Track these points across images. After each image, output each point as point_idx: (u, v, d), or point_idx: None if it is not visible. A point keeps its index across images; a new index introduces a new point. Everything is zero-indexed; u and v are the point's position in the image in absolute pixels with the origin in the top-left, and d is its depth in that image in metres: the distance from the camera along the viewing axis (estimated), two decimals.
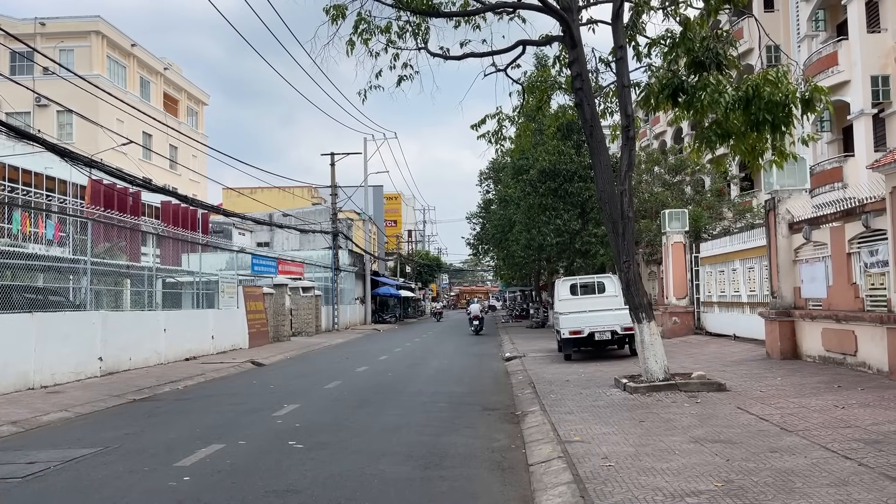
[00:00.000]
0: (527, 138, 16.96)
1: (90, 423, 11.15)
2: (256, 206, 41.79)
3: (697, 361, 15.74)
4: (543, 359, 18.94)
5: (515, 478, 7.11)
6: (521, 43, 13.33)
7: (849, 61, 28.35)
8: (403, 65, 13.29)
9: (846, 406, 9.43)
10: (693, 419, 9.05)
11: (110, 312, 18.25)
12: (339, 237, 42.26)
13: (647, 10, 13.01)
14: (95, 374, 16.18)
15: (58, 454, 8.56)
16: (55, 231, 20.62)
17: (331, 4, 11.78)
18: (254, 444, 8.95)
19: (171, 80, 49.31)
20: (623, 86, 12.23)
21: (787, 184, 15.74)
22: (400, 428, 9.88)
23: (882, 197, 11.85)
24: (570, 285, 20.76)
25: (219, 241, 33.87)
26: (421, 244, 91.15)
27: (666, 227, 24.22)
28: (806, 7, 31.78)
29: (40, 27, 39.98)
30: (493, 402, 12.30)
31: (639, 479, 6.32)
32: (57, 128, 38.89)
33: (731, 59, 11.35)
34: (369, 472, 7.37)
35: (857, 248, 13.26)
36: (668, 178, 31.38)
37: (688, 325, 24.07)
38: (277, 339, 29.18)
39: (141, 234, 23.07)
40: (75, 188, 29.37)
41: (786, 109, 10.20)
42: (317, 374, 17.58)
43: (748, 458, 6.92)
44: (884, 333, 11.85)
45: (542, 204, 30.90)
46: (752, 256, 19.66)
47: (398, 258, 72.57)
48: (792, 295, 15.64)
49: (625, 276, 12.24)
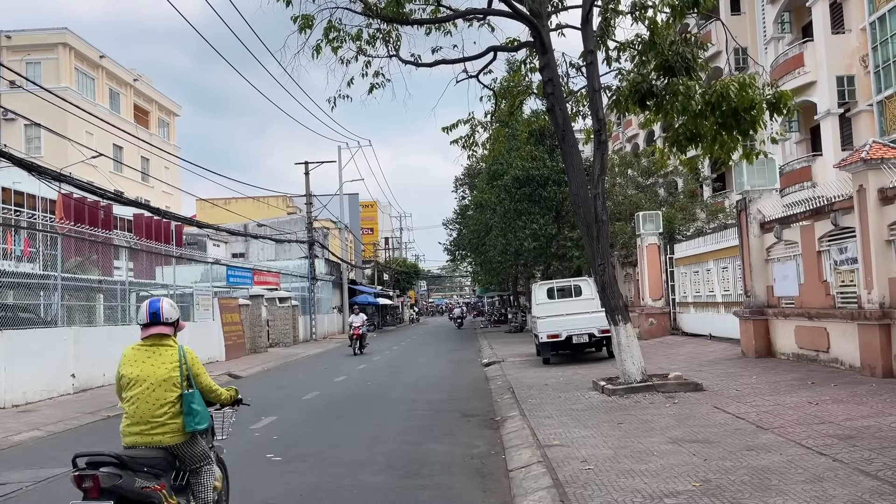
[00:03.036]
0: (500, 144, 17.01)
1: (63, 441, 10.94)
2: (231, 216, 41.43)
3: (674, 362, 15.86)
4: (522, 363, 18.97)
5: (495, 484, 7.10)
6: (492, 49, 13.39)
7: (814, 62, 28.83)
8: (375, 73, 13.28)
9: (820, 402, 9.55)
10: (671, 420, 9.11)
11: (82, 328, 17.95)
12: (314, 246, 42.04)
13: (615, 15, 13.13)
14: (68, 391, 15.91)
15: (30, 474, 8.40)
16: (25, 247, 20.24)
17: (299, 14, 11.72)
18: (231, 458, 8.78)
19: (142, 91, 48.79)
20: (594, 90, 12.31)
21: (757, 184, 15.95)
22: (379, 437, 9.84)
23: (850, 195, 12.06)
24: (547, 289, 20.84)
25: (193, 253, 33.50)
26: (398, 251, 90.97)
27: (640, 229, 24.42)
28: (772, 9, 32.30)
29: (6, 40, 39.37)
30: (473, 408, 12.29)
31: (618, 482, 6.34)
32: (25, 142, 38.28)
33: (699, 62, 11.50)
34: (349, 483, 7.32)
35: (826, 246, 13.47)
36: (642, 180, 31.66)
37: (664, 326, 24.26)
38: (254, 350, 28.92)
39: (113, 248, 22.74)
40: (45, 202, 28.88)
41: (752, 113, 10.36)
42: (295, 385, 17.43)
43: (725, 457, 6.97)
44: (855, 330, 12.03)
45: (518, 209, 31.04)
46: (725, 256, 19.88)
47: (375, 266, 72.32)
48: (765, 294, 15.84)
49: (600, 279, 12.31)
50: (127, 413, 4.74)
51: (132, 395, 4.72)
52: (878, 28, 26.25)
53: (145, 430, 4.67)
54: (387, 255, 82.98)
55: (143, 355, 4.84)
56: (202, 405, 4.88)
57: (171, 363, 4.81)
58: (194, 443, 4.86)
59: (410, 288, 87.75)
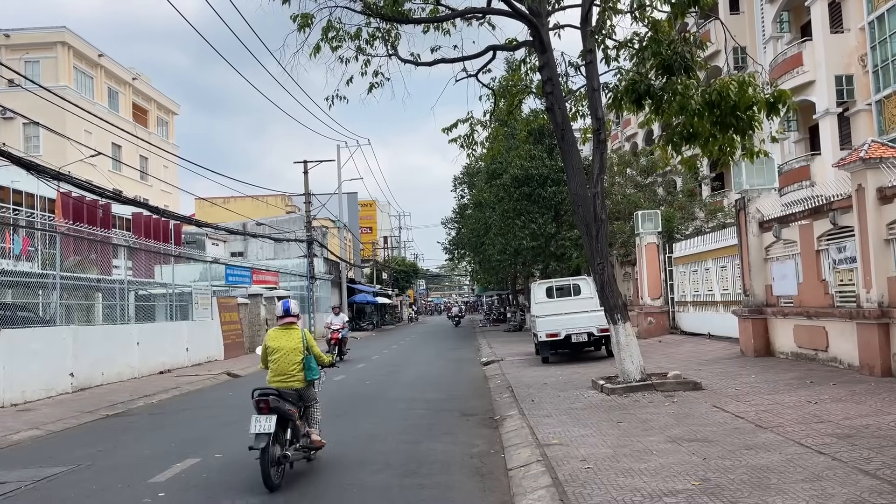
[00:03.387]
0: (499, 143, 17.00)
1: (62, 440, 10.94)
2: (229, 215, 41.37)
3: (673, 361, 15.87)
4: (521, 362, 18.97)
5: (495, 483, 7.10)
6: (491, 48, 13.38)
7: (813, 62, 28.83)
8: (374, 73, 13.25)
9: (819, 401, 9.56)
10: (670, 419, 9.11)
11: (81, 327, 17.94)
12: (313, 245, 41.98)
13: (614, 14, 13.12)
14: (67, 390, 15.90)
15: (29, 473, 8.39)
16: (24, 246, 20.19)
17: (298, 13, 11.71)
18: (230, 457, 8.83)
19: (140, 90, 48.70)
20: (593, 89, 12.31)
21: (756, 183, 15.95)
22: (378, 436, 9.84)
23: (848, 194, 12.06)
24: (546, 288, 20.84)
25: (192, 252, 33.45)
26: (397, 250, 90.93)
27: (639, 228, 24.42)
28: (770, 9, 32.30)
29: (4, 39, 39.29)
30: (472, 407, 12.29)
31: (617, 481, 6.34)
32: (23, 140, 38.20)
33: (698, 61, 11.50)
34: (347, 482, 7.31)
35: (825, 245, 13.47)
36: (640, 179, 31.65)
37: (663, 325, 24.27)
38: (253, 349, 28.81)
39: (112, 247, 22.72)
40: (43, 201, 28.84)
41: (750, 112, 10.36)
42: None
43: (724, 455, 6.98)
44: (853, 329, 12.04)
45: (517, 208, 31.04)
46: (724, 255, 19.89)
47: (374, 265, 72.27)
48: (764, 293, 15.84)
49: (599, 278, 12.31)
50: (272, 369, 7.85)
51: (275, 357, 7.84)
52: (877, 27, 26.26)
53: (283, 379, 7.77)
54: (386, 255, 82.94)
55: (281, 334, 7.98)
56: (315, 365, 7.99)
57: (297, 339, 7.91)
58: (310, 388, 8.06)
59: (409, 287, 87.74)
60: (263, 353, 7.98)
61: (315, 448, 8.06)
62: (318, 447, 8.10)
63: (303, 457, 7.90)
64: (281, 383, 7.69)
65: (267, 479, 6.97)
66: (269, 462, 6.98)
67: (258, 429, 7.08)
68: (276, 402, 7.29)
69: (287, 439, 7.49)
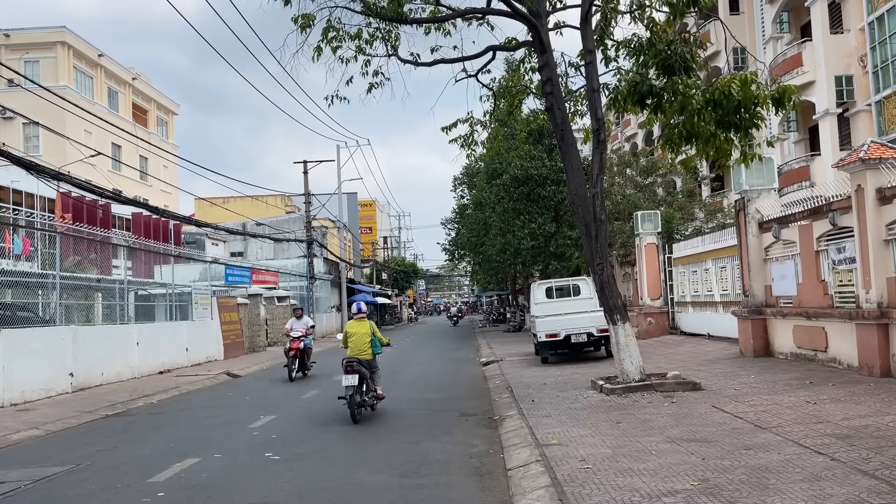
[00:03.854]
0: (499, 143, 17.01)
1: (61, 440, 10.94)
2: (229, 215, 41.38)
3: (672, 361, 15.88)
4: (521, 362, 18.98)
5: (494, 483, 7.11)
6: (491, 48, 13.38)
7: (813, 62, 28.85)
8: (374, 73, 13.27)
9: (818, 402, 9.56)
10: (669, 419, 9.12)
11: (81, 327, 17.93)
12: (313, 245, 41.98)
13: (614, 14, 13.12)
14: (66, 390, 15.90)
15: (28, 473, 8.39)
16: (25, 246, 20.19)
17: (298, 13, 11.72)
18: (230, 457, 8.84)
19: (140, 90, 48.71)
20: (593, 90, 12.30)
21: (755, 184, 15.96)
22: (377, 436, 9.84)
23: (848, 195, 12.07)
24: (546, 288, 20.84)
25: (191, 252, 33.47)
26: (397, 250, 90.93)
27: (639, 228, 24.43)
28: (770, 9, 32.32)
29: (4, 38, 39.30)
30: (471, 407, 12.30)
31: (616, 481, 6.35)
32: (23, 140, 38.21)
33: (698, 61, 11.50)
34: (347, 482, 7.32)
35: (825, 245, 13.48)
36: (640, 180, 31.66)
37: (662, 325, 24.28)
38: (253, 349, 28.89)
39: (112, 247, 22.72)
40: (43, 201, 28.85)
41: (753, 109, 10.35)
42: (293, 385, 17.43)
43: (723, 456, 6.98)
44: (853, 329, 12.05)
45: (516, 208, 31.03)
46: (723, 256, 19.89)
47: (374, 265, 72.26)
48: (763, 293, 15.85)
49: (599, 279, 12.31)
50: (350, 347, 11.36)
51: (353, 339, 11.41)
52: (877, 28, 26.27)
53: (358, 353, 11.27)
54: (385, 255, 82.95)
55: (356, 324, 11.58)
56: (378, 343, 11.72)
57: (367, 327, 11.53)
58: (374, 360, 11.60)
59: (409, 287, 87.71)
60: (344, 338, 11.57)
61: (379, 398, 11.64)
62: (381, 398, 11.72)
63: (370, 404, 11.40)
64: (357, 355, 11.19)
65: (354, 416, 10.71)
66: (355, 404, 10.75)
67: (347, 382, 10.74)
68: (357, 366, 10.95)
69: (363, 391, 11.03)
